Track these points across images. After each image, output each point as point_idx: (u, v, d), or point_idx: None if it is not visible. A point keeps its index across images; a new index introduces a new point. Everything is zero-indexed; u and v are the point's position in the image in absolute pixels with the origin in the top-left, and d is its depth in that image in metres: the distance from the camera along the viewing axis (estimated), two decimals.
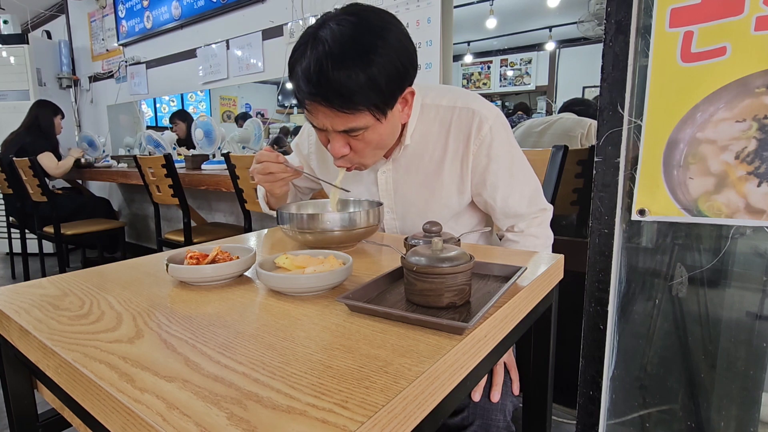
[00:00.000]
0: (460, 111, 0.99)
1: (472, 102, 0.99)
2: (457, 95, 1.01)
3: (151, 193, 2.65)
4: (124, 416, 0.41)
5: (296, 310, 0.60)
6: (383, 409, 0.38)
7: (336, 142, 0.89)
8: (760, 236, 0.62)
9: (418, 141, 1.02)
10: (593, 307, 0.73)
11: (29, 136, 3.52)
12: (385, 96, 0.83)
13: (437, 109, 1.00)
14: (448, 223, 1.07)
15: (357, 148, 0.90)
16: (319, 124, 0.87)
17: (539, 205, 1.05)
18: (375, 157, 0.96)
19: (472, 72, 7.29)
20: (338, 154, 0.90)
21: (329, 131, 0.88)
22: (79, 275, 0.78)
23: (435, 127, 1.01)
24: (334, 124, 0.85)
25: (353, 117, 0.83)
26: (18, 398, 0.72)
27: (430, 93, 1.02)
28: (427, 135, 1.01)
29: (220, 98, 5.09)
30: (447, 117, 1.00)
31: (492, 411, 0.90)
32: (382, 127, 0.88)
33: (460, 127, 0.98)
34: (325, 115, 0.84)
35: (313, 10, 2.68)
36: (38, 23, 5.26)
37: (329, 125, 0.86)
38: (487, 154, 0.98)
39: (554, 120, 2.36)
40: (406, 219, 1.09)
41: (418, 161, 1.03)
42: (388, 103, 0.86)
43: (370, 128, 0.86)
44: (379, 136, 0.89)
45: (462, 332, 0.51)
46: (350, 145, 0.90)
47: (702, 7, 0.58)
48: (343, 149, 0.90)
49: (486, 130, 0.97)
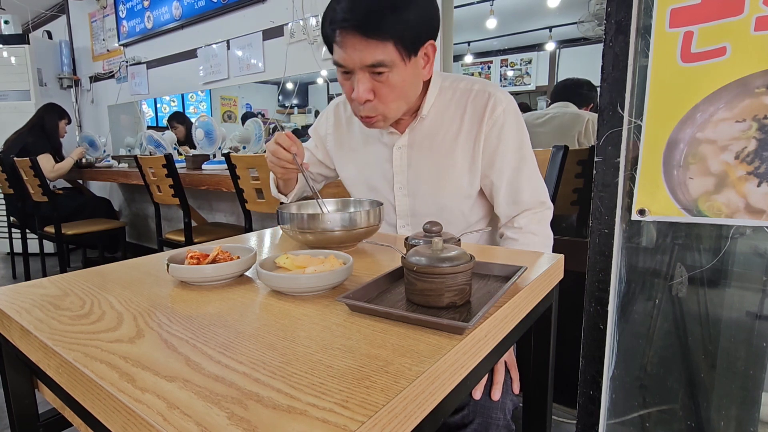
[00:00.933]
0: (476, 93, 1.04)
1: (488, 86, 1.04)
2: (475, 80, 1.07)
3: (152, 193, 2.65)
4: (125, 416, 0.41)
5: (297, 309, 0.60)
6: (383, 408, 0.38)
7: (361, 83, 0.92)
8: (759, 236, 0.62)
9: (434, 118, 1.06)
10: (593, 307, 0.73)
11: (31, 136, 3.53)
12: (411, 32, 0.89)
13: (454, 91, 1.06)
14: (459, 206, 1.09)
15: (381, 93, 0.93)
16: (347, 59, 0.90)
17: (541, 198, 1.06)
18: (397, 109, 0.99)
19: (472, 72, 7.28)
20: (362, 98, 0.93)
21: (355, 72, 0.91)
22: (80, 275, 0.78)
23: (451, 107, 1.05)
24: (362, 57, 0.89)
25: (381, 47, 0.87)
26: (19, 398, 0.72)
27: (449, 78, 1.08)
28: (443, 114, 1.06)
29: (221, 98, 5.09)
30: (463, 98, 1.05)
31: (492, 409, 0.90)
32: (405, 71, 0.92)
33: (475, 108, 1.03)
34: (353, 47, 0.88)
35: (313, 11, 2.68)
36: (39, 23, 5.27)
37: (357, 59, 0.89)
38: (498, 135, 1.02)
39: (550, 114, 2.34)
40: (417, 196, 1.11)
41: (432, 138, 1.07)
42: (414, 43, 0.90)
43: (394, 69, 0.90)
44: (403, 80, 0.93)
45: (462, 332, 0.51)
46: (374, 91, 0.93)
47: (702, 7, 0.58)
48: (368, 94, 0.93)
49: (499, 111, 1.01)
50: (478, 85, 1.05)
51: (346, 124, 1.19)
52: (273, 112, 4.77)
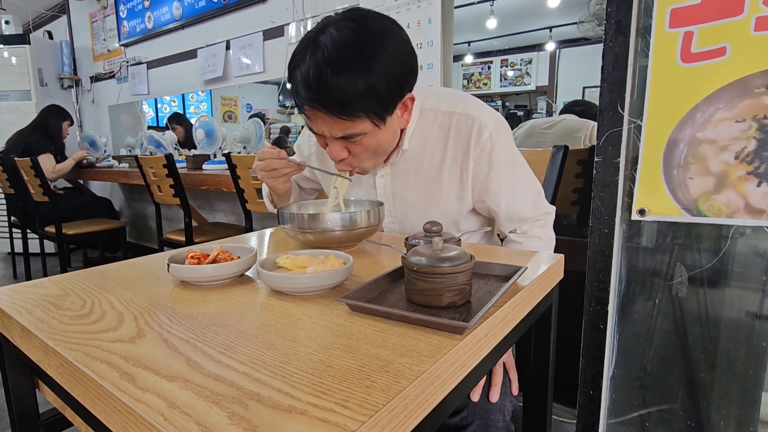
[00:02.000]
0: (459, 117, 0.98)
1: (471, 108, 0.98)
2: (456, 100, 1.01)
3: (153, 193, 2.65)
4: (126, 416, 0.41)
5: (297, 309, 0.60)
6: (384, 408, 0.38)
7: (334, 146, 0.89)
8: (759, 236, 0.62)
9: (417, 146, 1.01)
10: (593, 307, 0.73)
11: (34, 136, 3.53)
12: (384, 103, 0.84)
13: (436, 114, 1.00)
14: (449, 229, 1.06)
15: (355, 152, 0.91)
16: (317, 129, 0.88)
17: (543, 209, 1.05)
18: (374, 161, 0.97)
19: (472, 72, 7.28)
20: (337, 158, 0.91)
21: (327, 137, 0.88)
22: (81, 275, 0.78)
23: (434, 132, 1.00)
24: (333, 131, 0.85)
25: (352, 123, 0.83)
26: (19, 398, 0.72)
27: (430, 98, 1.02)
28: (426, 140, 1.01)
29: (221, 98, 5.09)
30: (446, 122, 0.99)
31: (491, 411, 0.90)
32: (380, 133, 0.88)
33: (459, 133, 0.98)
34: (323, 121, 0.84)
35: (314, 11, 2.68)
36: (40, 23, 5.27)
37: (327, 131, 0.86)
38: (488, 160, 0.98)
39: (558, 120, 2.36)
40: (405, 223, 1.09)
41: (416, 166, 1.03)
42: (387, 110, 0.86)
43: (368, 134, 0.87)
44: (378, 141, 0.90)
45: (462, 332, 0.51)
46: (348, 150, 0.90)
47: (702, 7, 0.58)
48: (341, 153, 0.90)
49: (486, 136, 0.96)
50: (460, 107, 0.99)
51: None
52: (273, 112, 4.77)
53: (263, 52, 3.03)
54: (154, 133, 3.37)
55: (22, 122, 3.72)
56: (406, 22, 2.25)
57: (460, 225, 1.07)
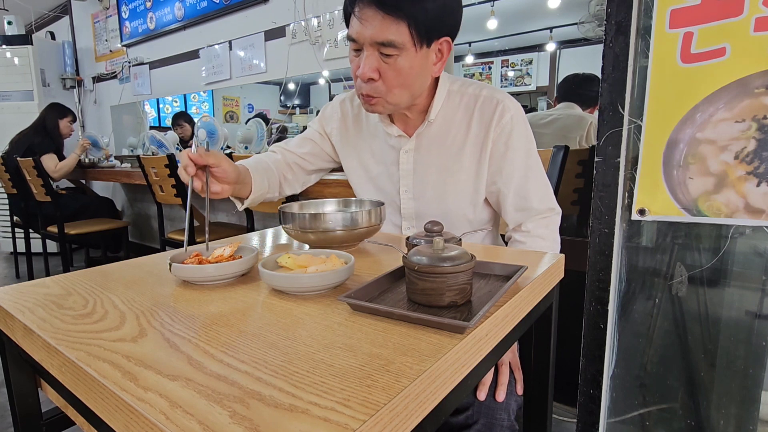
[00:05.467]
0: (484, 99, 1.03)
1: (497, 92, 1.03)
2: (483, 86, 1.06)
3: (155, 192, 2.66)
4: (128, 414, 0.41)
5: (298, 309, 0.61)
6: (385, 407, 0.38)
7: (368, 61, 0.91)
8: (759, 236, 0.62)
9: (442, 123, 1.05)
10: (593, 306, 0.73)
11: (37, 137, 3.53)
12: (428, 20, 0.88)
13: (462, 96, 1.05)
14: (463, 210, 1.08)
15: (386, 75, 0.92)
16: (360, 33, 0.90)
17: (550, 204, 1.06)
18: (400, 96, 0.96)
19: (473, 73, 7.27)
20: (366, 76, 0.92)
21: (366, 46, 0.90)
22: (83, 274, 0.79)
23: (459, 112, 1.05)
24: (375, 33, 0.88)
25: (395, 26, 0.87)
26: (22, 397, 0.73)
27: (457, 82, 1.07)
28: (451, 118, 1.05)
29: (223, 98, 5.11)
30: (471, 104, 1.04)
31: (496, 410, 0.90)
32: (414, 58, 0.91)
33: (483, 114, 1.02)
34: (368, 21, 0.88)
35: (315, 11, 2.68)
36: (42, 24, 5.28)
37: (369, 34, 0.88)
38: (505, 142, 1.01)
39: (556, 116, 2.34)
40: (422, 199, 1.10)
41: (440, 143, 1.06)
42: (429, 32, 0.90)
43: (403, 53, 0.89)
44: (410, 66, 0.92)
45: (463, 331, 0.51)
46: (380, 71, 0.92)
47: (702, 8, 0.59)
48: (373, 72, 0.91)
49: (507, 118, 1.01)
50: (486, 91, 1.04)
51: (353, 121, 1.17)
52: (275, 112, 4.78)
53: (265, 52, 3.04)
54: (156, 133, 3.37)
55: (25, 122, 3.72)
56: None
57: (476, 209, 1.09)
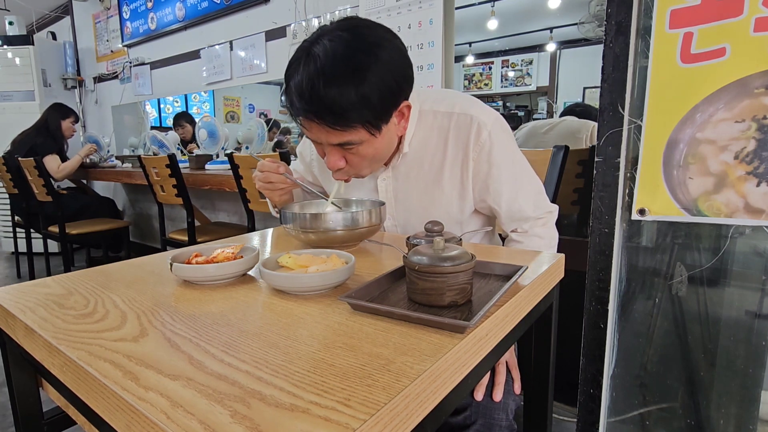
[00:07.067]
0: (458, 117, 0.98)
1: (469, 107, 0.99)
2: (454, 100, 1.01)
3: (156, 192, 2.66)
4: (129, 414, 0.41)
5: (299, 308, 0.61)
6: (385, 407, 0.38)
7: (331, 155, 0.90)
8: (759, 235, 0.63)
9: (417, 148, 1.02)
10: (594, 306, 0.73)
11: (40, 137, 3.53)
12: (378, 112, 0.84)
13: (435, 115, 1.00)
14: (451, 229, 1.06)
15: (352, 161, 0.91)
16: (313, 137, 0.89)
17: (545, 208, 1.04)
18: (372, 168, 0.97)
19: (473, 73, 7.27)
20: (334, 168, 0.92)
21: (324, 145, 0.89)
22: (84, 274, 0.79)
23: (434, 133, 1.00)
24: (329, 139, 0.86)
25: (346, 133, 0.84)
26: (23, 396, 0.73)
27: (428, 99, 1.02)
28: (425, 142, 1.01)
29: (224, 99, 5.10)
30: (445, 123, 0.99)
31: (494, 410, 0.90)
32: (377, 141, 0.88)
33: (458, 134, 0.98)
34: (318, 130, 0.85)
35: (315, 11, 2.69)
36: (43, 24, 5.29)
37: (324, 139, 0.87)
38: (487, 160, 0.98)
39: (559, 122, 2.36)
40: (407, 226, 1.09)
41: (417, 168, 1.03)
42: (382, 119, 0.86)
43: (365, 142, 0.87)
44: (375, 149, 0.90)
45: (463, 331, 0.51)
46: (346, 159, 0.91)
47: (702, 8, 0.59)
48: (339, 162, 0.91)
49: (485, 136, 0.96)
50: (458, 107, 0.99)
51: None
52: (276, 112, 4.78)
53: (266, 52, 3.04)
54: (157, 134, 3.37)
55: (26, 122, 3.72)
56: (407, 22, 2.25)
57: (463, 226, 1.07)
